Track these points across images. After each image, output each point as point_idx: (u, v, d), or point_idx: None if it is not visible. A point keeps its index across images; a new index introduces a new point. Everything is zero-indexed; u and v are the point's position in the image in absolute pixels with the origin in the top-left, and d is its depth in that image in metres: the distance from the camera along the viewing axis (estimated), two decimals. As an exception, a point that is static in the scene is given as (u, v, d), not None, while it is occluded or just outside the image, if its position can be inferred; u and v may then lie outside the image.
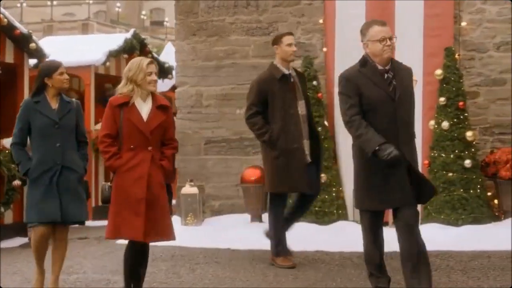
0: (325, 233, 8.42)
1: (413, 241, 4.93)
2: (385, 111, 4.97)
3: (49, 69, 5.81)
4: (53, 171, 5.66)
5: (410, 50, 8.46)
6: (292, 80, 6.87)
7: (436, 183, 8.32)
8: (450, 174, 8.50)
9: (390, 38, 5.01)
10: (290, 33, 7.07)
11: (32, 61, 10.33)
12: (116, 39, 12.41)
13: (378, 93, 4.99)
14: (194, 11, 9.77)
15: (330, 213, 8.79)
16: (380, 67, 5.04)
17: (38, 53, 10.11)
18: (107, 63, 11.76)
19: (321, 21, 9.32)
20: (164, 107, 5.37)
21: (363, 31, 5.10)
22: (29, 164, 5.70)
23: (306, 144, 6.81)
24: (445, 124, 8.57)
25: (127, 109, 5.25)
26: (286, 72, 6.87)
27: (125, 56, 12.09)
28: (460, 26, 9.02)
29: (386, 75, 5.03)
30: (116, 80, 12.48)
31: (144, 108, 5.29)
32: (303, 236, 8.30)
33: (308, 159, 6.79)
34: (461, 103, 8.60)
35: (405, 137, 5.03)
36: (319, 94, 8.97)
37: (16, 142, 5.79)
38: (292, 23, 9.44)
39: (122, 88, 5.32)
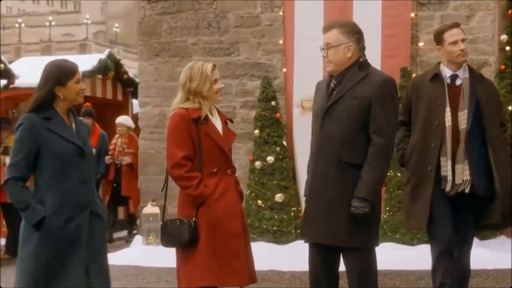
0: (282, 252, 8.44)
1: None
2: (317, 127, 4.35)
3: (64, 74, 3.96)
4: (79, 220, 3.95)
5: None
6: (458, 83, 4.94)
7: (392, 202, 8.36)
8: (406, 193, 8.52)
9: (324, 48, 4.36)
10: (455, 25, 5.02)
11: (3, 82, 10.44)
12: (91, 60, 12.49)
13: (318, 106, 4.38)
14: (156, 32, 9.87)
15: (288, 232, 8.81)
16: (333, 74, 4.38)
17: (8, 74, 10.21)
18: (81, 84, 11.82)
19: (281, 41, 9.41)
20: (229, 123, 4.49)
21: None
22: (43, 210, 3.90)
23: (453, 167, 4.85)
24: (401, 144, 8.59)
25: (203, 124, 4.21)
26: (447, 73, 4.95)
27: (99, 76, 12.19)
28: (418, 46, 9.08)
29: (331, 84, 4.37)
30: (89, 100, 12.59)
31: (217, 123, 4.31)
32: (260, 255, 8.24)
33: (450, 187, 4.84)
34: (416, 123, 8.63)
35: (331, 164, 4.27)
36: (278, 114, 9.04)
37: (17, 176, 3.93)
38: (253, 44, 9.53)
39: (184, 105, 4.22)
